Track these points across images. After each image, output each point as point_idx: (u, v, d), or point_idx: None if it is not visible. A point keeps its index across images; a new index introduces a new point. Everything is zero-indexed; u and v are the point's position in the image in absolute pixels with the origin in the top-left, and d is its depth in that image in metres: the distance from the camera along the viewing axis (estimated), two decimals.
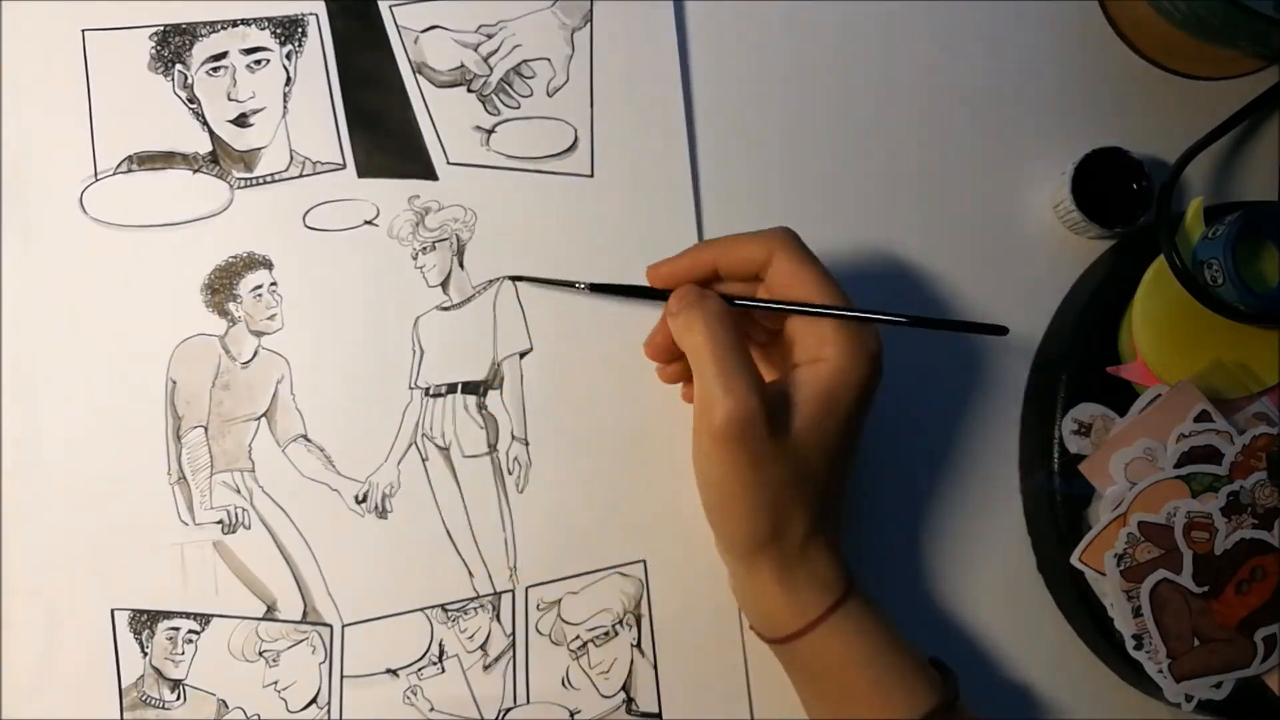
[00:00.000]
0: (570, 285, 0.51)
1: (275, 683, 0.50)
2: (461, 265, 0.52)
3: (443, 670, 0.51)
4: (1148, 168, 0.52)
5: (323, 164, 0.52)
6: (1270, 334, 0.51)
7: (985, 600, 0.53)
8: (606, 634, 0.51)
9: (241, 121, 0.52)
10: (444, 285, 0.52)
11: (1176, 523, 0.49)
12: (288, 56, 0.52)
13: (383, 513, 0.51)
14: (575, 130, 0.53)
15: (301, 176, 0.52)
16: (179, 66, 0.52)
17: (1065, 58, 0.56)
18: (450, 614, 0.51)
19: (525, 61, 0.53)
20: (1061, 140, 0.55)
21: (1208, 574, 0.49)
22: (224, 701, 0.50)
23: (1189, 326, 0.51)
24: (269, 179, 0.52)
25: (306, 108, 0.52)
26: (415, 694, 0.50)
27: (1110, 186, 0.52)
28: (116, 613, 0.49)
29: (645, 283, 0.48)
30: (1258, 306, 0.49)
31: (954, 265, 0.54)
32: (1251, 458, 0.49)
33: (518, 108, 0.53)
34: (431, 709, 0.50)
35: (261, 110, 0.52)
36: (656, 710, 0.51)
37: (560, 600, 0.51)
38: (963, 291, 0.54)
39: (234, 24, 0.52)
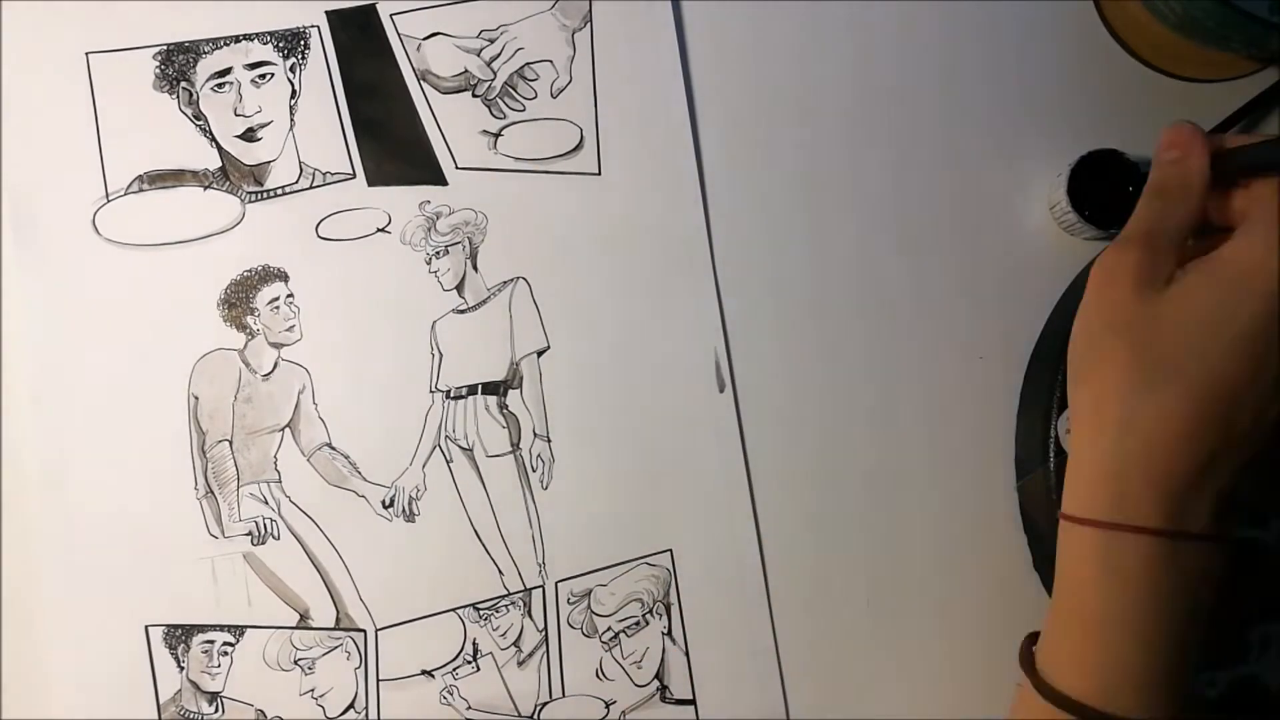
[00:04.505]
0: None
1: (312, 690, 0.50)
2: (475, 268, 0.53)
3: (477, 669, 0.51)
4: (1143, 170, 0.51)
5: (332, 174, 0.52)
6: None
7: (979, 597, 0.54)
8: (637, 624, 0.52)
9: (249, 136, 0.52)
10: (459, 288, 0.52)
11: None
12: (291, 69, 0.52)
13: (410, 516, 0.51)
14: (581, 129, 0.53)
15: (312, 188, 0.52)
16: (184, 84, 0.52)
17: (1061, 60, 0.56)
18: (482, 613, 0.51)
19: (528, 64, 0.53)
20: (1057, 142, 0.55)
21: None
22: (262, 712, 0.50)
23: None
24: (280, 191, 0.52)
25: (313, 119, 0.52)
26: (451, 694, 0.51)
27: (1106, 188, 0.52)
28: (150, 629, 0.50)
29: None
30: None
31: (951, 265, 0.55)
32: None
33: (523, 110, 0.53)
34: (468, 708, 0.51)
35: (268, 124, 0.52)
36: (690, 696, 0.52)
37: (590, 593, 0.52)
38: (959, 292, 0.55)
39: (236, 40, 0.52)
